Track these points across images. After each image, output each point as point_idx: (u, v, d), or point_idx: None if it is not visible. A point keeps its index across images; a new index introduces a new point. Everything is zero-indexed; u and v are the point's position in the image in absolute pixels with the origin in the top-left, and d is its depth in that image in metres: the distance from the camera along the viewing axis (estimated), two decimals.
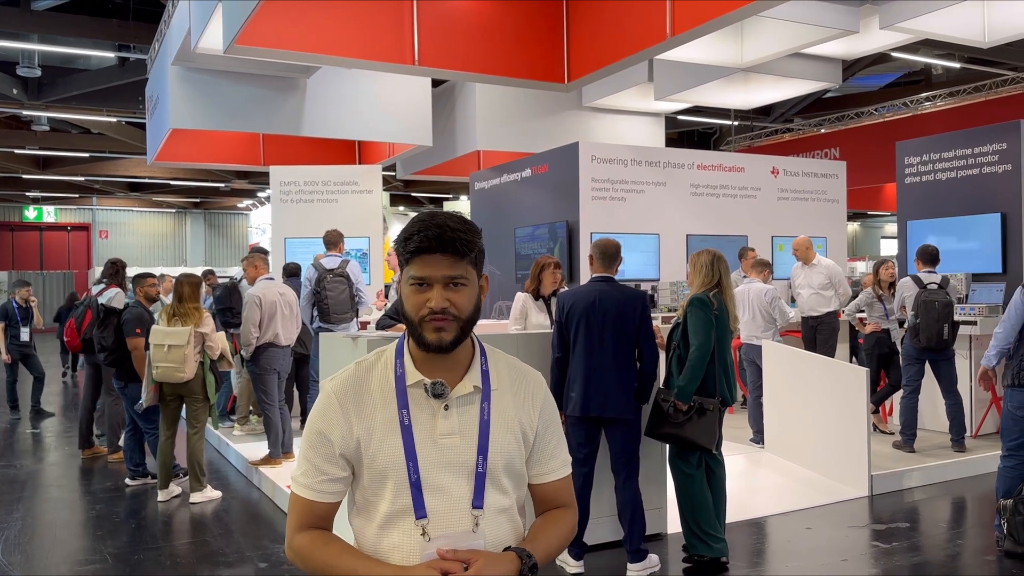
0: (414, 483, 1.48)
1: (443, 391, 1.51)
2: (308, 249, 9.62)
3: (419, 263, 1.48)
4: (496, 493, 1.53)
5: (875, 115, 17.28)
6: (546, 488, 1.64)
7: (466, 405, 1.54)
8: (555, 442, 1.65)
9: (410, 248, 1.48)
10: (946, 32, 8.58)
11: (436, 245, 1.46)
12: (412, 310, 1.50)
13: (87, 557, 4.94)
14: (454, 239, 1.47)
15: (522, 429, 1.58)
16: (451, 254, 1.47)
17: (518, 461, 1.58)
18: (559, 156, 9.84)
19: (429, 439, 1.50)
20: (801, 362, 6.67)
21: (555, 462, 1.64)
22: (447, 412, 1.52)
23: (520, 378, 1.63)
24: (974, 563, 4.67)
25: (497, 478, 1.53)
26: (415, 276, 1.48)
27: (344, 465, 1.53)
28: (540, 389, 1.64)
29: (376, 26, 6.67)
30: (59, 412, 10.43)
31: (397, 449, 1.49)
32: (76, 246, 31.82)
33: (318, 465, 1.53)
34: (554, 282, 5.47)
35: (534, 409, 1.61)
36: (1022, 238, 8.10)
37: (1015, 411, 4.72)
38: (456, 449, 1.51)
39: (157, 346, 5.87)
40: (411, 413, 1.51)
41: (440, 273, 1.47)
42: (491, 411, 1.55)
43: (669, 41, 6.14)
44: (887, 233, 33.98)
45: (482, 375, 1.56)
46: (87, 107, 16.06)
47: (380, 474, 1.50)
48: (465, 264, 1.50)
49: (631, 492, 4.35)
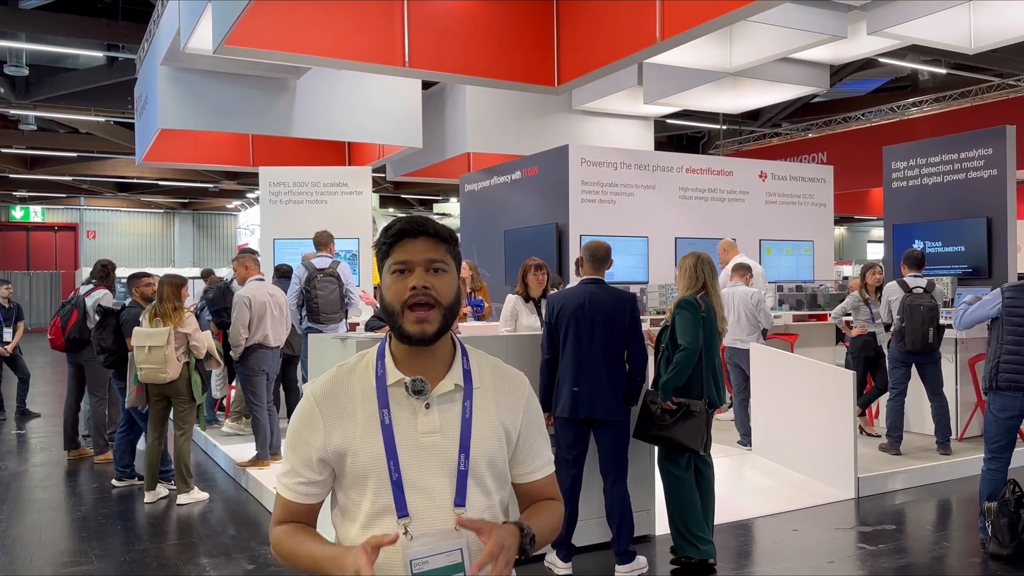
0: (395, 482, 1.48)
1: (423, 387, 1.51)
2: (297, 250, 9.59)
3: (400, 248, 1.53)
4: (478, 492, 1.53)
5: (862, 120, 17.39)
6: (531, 486, 1.65)
7: (448, 403, 1.54)
8: (539, 441, 1.66)
9: (392, 232, 1.53)
10: (933, 38, 8.66)
11: (417, 227, 1.53)
12: (394, 298, 1.51)
13: (73, 559, 4.91)
14: (433, 223, 1.55)
15: (505, 428, 1.58)
16: (431, 236, 1.53)
17: (500, 460, 1.58)
18: (549, 158, 9.86)
19: (410, 438, 1.50)
20: (788, 365, 6.70)
21: (540, 460, 1.65)
22: (428, 410, 1.52)
23: (502, 378, 1.63)
24: (959, 565, 4.71)
25: (480, 477, 1.53)
26: (397, 261, 1.52)
27: (321, 470, 1.54)
28: (523, 388, 1.65)
29: (366, 27, 6.66)
30: (45, 413, 10.36)
31: (378, 448, 1.49)
32: (63, 246, 31.59)
33: (296, 467, 1.55)
34: (539, 283, 5.48)
35: (517, 408, 1.62)
36: (1007, 242, 8.17)
37: (997, 413, 4.75)
38: (438, 447, 1.51)
39: (139, 347, 5.84)
40: (392, 412, 1.51)
41: (421, 256, 1.51)
42: (473, 409, 1.55)
43: (659, 45, 6.17)
44: (874, 237, 34.18)
45: (464, 374, 1.57)
46: (75, 107, 15.97)
47: (361, 474, 1.50)
48: (444, 250, 1.54)
49: (620, 494, 4.36)
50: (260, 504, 5.99)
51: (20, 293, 25.77)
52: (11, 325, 9.93)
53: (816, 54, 9.78)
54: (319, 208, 11.13)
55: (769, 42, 8.96)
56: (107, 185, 27.14)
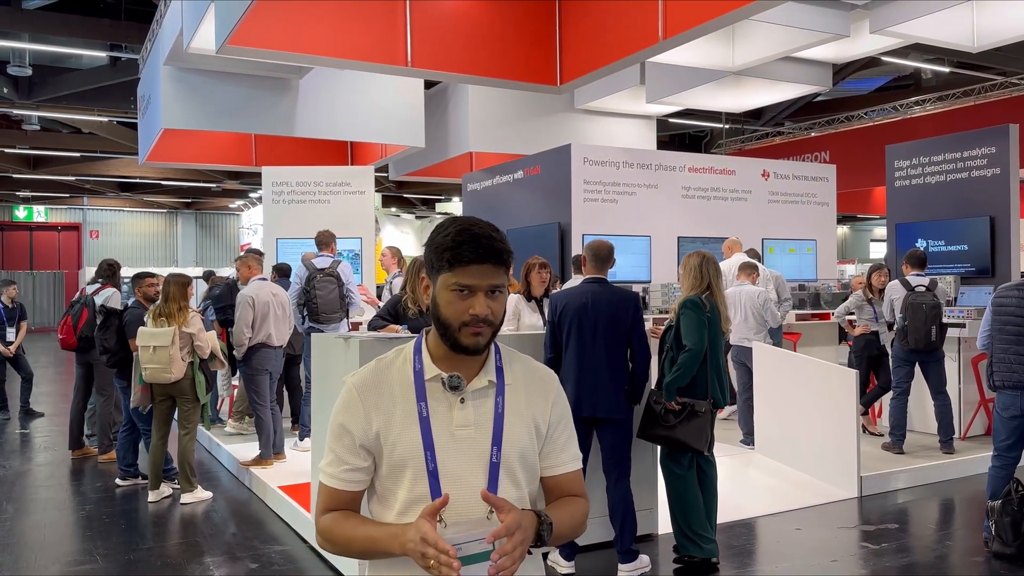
0: (431, 472, 1.56)
1: (459, 384, 1.59)
2: (300, 250, 9.60)
3: (466, 272, 1.54)
4: (509, 484, 1.60)
5: (865, 119, 17.36)
6: (558, 480, 1.71)
7: (481, 399, 1.61)
8: (566, 436, 1.71)
9: (462, 259, 1.54)
10: (936, 37, 8.65)
11: (485, 256, 1.54)
12: (454, 316, 1.56)
13: (77, 558, 4.93)
14: (500, 251, 1.56)
15: (535, 423, 1.65)
16: (496, 264, 1.56)
17: (531, 453, 1.65)
18: (551, 158, 9.86)
19: (446, 431, 1.58)
20: (791, 364, 6.70)
21: (566, 455, 1.71)
22: (463, 405, 1.60)
23: (533, 375, 1.70)
24: (962, 564, 4.71)
25: (511, 469, 1.61)
26: (461, 284, 1.54)
27: (365, 456, 1.60)
28: (552, 385, 1.72)
29: (369, 27, 6.67)
30: (48, 413, 10.38)
31: (416, 440, 1.57)
32: (66, 246, 31.64)
33: (341, 456, 1.61)
34: (542, 282, 5.48)
35: (547, 404, 1.68)
36: (1010, 241, 8.16)
37: (1000, 412, 4.78)
38: (472, 440, 1.58)
39: (144, 347, 5.85)
40: (429, 406, 1.59)
41: (486, 282, 1.55)
42: (505, 405, 1.62)
43: (661, 44, 6.17)
44: (876, 236, 34.11)
45: (496, 371, 1.64)
46: (78, 107, 16.00)
47: (399, 464, 1.58)
48: (503, 272, 1.59)
49: (622, 493, 4.36)
50: (263, 503, 6.00)
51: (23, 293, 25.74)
52: (14, 325, 9.94)
53: (819, 53, 9.77)
54: (322, 208, 11.13)
55: (771, 41, 8.96)
56: (110, 185, 27.18)
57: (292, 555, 4.88)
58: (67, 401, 7.76)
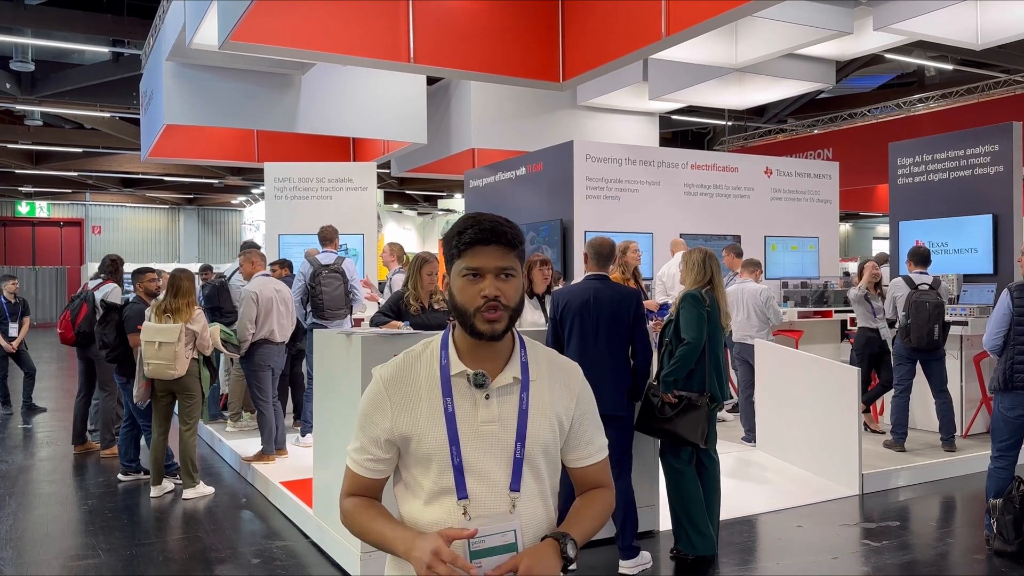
0: (456, 466, 1.59)
1: (484, 381, 1.62)
2: (302, 246, 9.61)
3: (473, 255, 1.59)
4: (532, 478, 1.64)
5: (868, 116, 17.34)
6: (585, 471, 1.76)
7: (506, 395, 1.64)
8: (591, 429, 1.76)
9: (465, 240, 1.59)
10: (939, 34, 8.62)
11: (490, 237, 1.58)
12: (467, 301, 1.59)
13: (79, 553, 4.94)
14: (505, 232, 1.60)
15: (559, 418, 1.68)
16: (503, 245, 1.59)
17: (553, 448, 1.69)
18: (554, 154, 9.86)
19: (471, 426, 1.61)
20: (793, 361, 6.70)
21: (592, 447, 1.76)
22: (488, 401, 1.63)
23: (557, 369, 1.73)
24: (963, 562, 4.71)
25: (534, 463, 1.64)
26: (469, 267, 1.59)
27: (388, 449, 1.65)
28: (577, 379, 1.75)
29: (371, 23, 6.66)
30: (51, 408, 10.40)
31: (442, 435, 1.60)
32: (69, 242, 31.66)
33: (365, 445, 1.67)
34: (544, 279, 5.48)
35: (571, 398, 1.72)
36: (1013, 239, 8.15)
37: (1005, 412, 4.77)
38: (496, 436, 1.62)
39: (148, 343, 5.86)
40: (455, 401, 1.62)
41: (493, 264, 1.58)
42: (529, 401, 1.65)
43: (664, 41, 6.16)
44: (879, 234, 34.07)
45: (522, 366, 1.67)
46: (81, 102, 15.99)
47: (426, 457, 1.61)
48: (513, 256, 1.61)
49: (623, 489, 4.37)
50: (265, 499, 6.01)
51: (26, 288, 25.82)
52: (17, 320, 9.95)
53: (822, 50, 9.74)
54: (324, 204, 11.15)
55: (775, 38, 8.94)
56: (112, 181, 27.18)
57: (294, 551, 4.89)
58: (69, 396, 7.77)
